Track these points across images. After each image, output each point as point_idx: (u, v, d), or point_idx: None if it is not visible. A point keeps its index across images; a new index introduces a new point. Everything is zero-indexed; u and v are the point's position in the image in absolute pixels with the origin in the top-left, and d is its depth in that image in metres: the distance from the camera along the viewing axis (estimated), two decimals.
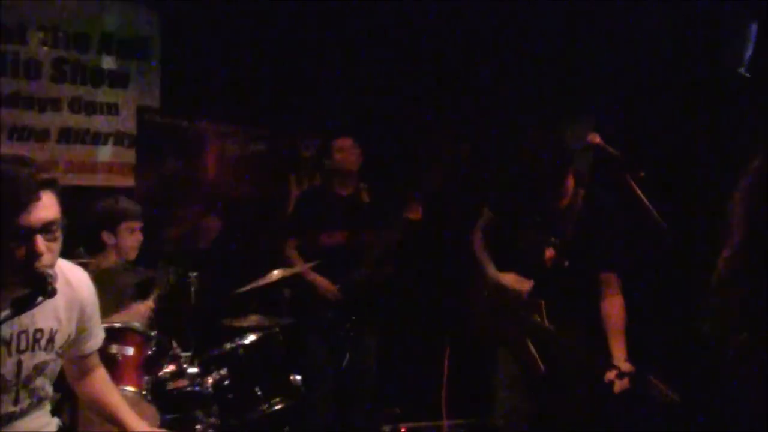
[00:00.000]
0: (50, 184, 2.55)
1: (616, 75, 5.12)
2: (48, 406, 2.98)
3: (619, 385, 3.81)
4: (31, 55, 5.53)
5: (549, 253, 4.11)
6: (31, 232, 2.47)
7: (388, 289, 5.47)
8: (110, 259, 4.46)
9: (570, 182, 4.12)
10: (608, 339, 4.02)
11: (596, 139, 4.02)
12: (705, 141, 4.72)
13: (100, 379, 3.11)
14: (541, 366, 4.08)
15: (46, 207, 2.51)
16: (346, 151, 5.40)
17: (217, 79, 6.14)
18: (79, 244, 4.35)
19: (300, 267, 5.22)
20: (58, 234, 2.57)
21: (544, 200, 4.16)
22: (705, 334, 2.47)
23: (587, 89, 5.34)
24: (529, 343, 4.12)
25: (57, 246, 2.59)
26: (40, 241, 2.49)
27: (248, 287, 4.73)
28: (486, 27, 5.91)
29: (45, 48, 5.59)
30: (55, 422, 3.02)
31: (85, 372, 3.08)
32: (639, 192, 3.91)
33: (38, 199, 2.48)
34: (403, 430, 4.87)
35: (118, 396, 3.15)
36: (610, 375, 3.83)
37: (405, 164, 6.36)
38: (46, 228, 2.50)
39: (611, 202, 4.12)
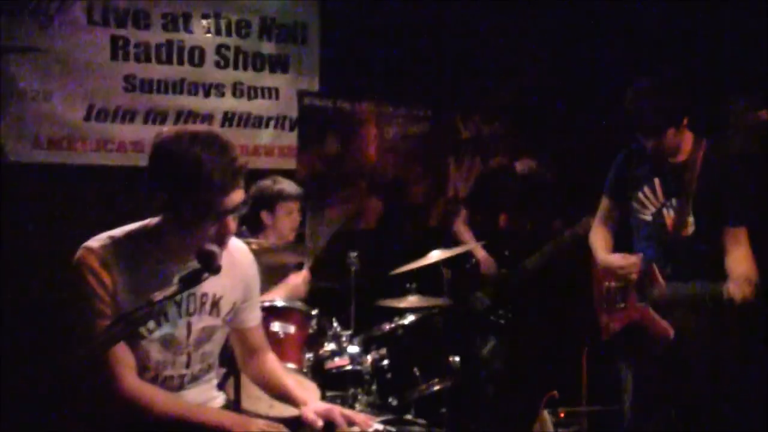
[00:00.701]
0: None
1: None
2: (215, 380, 3.07)
3: (740, 294, 3.52)
4: (195, 42, 5.68)
5: (669, 218, 3.91)
6: (227, 213, 2.64)
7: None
8: (270, 239, 4.53)
9: (686, 137, 3.87)
10: None
11: (765, 115, 3.90)
12: None
13: (268, 360, 3.19)
14: (671, 332, 3.85)
15: (239, 190, 2.66)
16: None
17: (376, 60, 6.16)
18: (241, 224, 4.45)
19: (471, 243, 5.41)
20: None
21: (656, 157, 3.92)
22: None
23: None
24: (653, 312, 3.90)
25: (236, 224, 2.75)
26: (231, 221, 2.68)
27: (408, 267, 4.73)
28: None
29: (208, 35, 5.73)
30: (222, 397, 3.10)
31: (252, 352, 3.15)
32: None
33: (239, 185, 2.65)
34: (562, 414, 4.76)
35: (286, 375, 3.22)
36: (732, 287, 3.52)
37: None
38: (236, 209, 2.67)
39: (742, 155, 3.90)
